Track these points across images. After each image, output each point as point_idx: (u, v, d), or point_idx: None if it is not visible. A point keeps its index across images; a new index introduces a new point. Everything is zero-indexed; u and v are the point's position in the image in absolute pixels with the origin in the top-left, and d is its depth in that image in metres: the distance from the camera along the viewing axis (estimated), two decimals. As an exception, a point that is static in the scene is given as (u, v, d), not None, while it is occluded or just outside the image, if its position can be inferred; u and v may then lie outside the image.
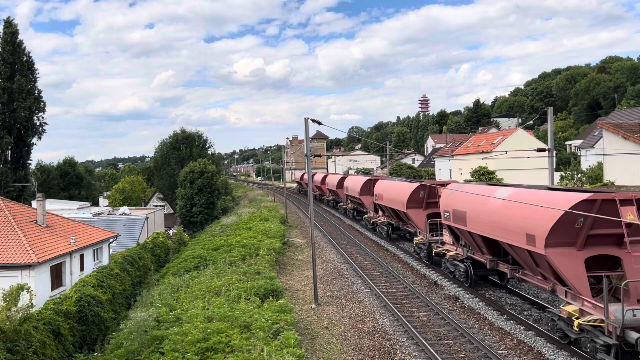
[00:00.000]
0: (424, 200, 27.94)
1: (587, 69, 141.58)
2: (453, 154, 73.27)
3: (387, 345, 15.95)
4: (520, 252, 16.35)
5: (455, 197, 21.14)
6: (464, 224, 19.94)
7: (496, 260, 19.12)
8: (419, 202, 28.12)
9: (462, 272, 21.52)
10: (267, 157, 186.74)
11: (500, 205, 17.08)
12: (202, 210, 57.12)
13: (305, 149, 23.00)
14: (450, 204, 21.50)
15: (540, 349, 14.65)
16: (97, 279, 26.55)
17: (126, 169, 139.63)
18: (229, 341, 14.68)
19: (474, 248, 20.50)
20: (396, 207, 30.60)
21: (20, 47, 51.99)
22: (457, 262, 22.08)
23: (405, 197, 28.50)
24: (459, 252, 22.11)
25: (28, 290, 17.97)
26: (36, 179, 62.01)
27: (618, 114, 72.34)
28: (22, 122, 51.27)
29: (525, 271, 17.44)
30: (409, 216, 28.63)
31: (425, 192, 27.79)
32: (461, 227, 20.29)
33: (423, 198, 27.92)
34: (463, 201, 20.25)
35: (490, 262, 19.18)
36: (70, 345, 19.88)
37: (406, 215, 29.38)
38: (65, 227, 31.89)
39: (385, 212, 34.95)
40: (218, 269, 25.44)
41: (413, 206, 28.27)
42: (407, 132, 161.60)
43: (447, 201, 21.92)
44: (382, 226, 36.12)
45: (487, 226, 17.94)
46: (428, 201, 27.80)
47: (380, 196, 34.24)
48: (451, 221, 21.31)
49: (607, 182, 40.69)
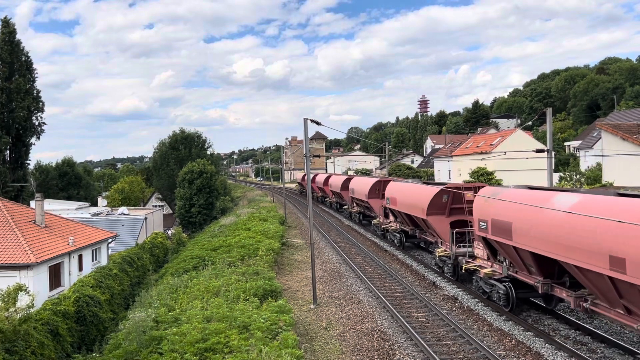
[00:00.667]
0: (447, 206, 24.29)
1: (586, 70, 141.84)
2: (452, 154, 73.33)
3: (386, 346, 15.94)
4: (595, 278, 13.07)
5: (495, 205, 17.73)
6: (507, 237, 16.62)
7: (550, 283, 15.88)
8: (441, 208, 24.40)
9: (501, 295, 17.94)
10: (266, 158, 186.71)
11: (564, 217, 13.98)
12: (201, 211, 57.07)
13: (304, 149, 23.00)
14: (487, 212, 18.18)
15: (539, 350, 14.65)
16: (95, 280, 26.53)
17: (125, 169, 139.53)
18: (228, 342, 14.68)
19: (519, 266, 17.16)
20: (413, 213, 26.88)
21: (19, 46, 51.93)
22: (494, 281, 18.53)
23: (426, 203, 24.63)
24: (497, 270, 18.65)
25: (26, 291, 17.94)
26: (35, 179, 61.93)
27: (617, 115, 72.45)
28: (20, 122, 51.21)
29: (597, 301, 13.81)
30: (430, 224, 24.83)
31: (449, 197, 24.07)
32: (504, 241, 16.94)
33: (446, 203, 24.27)
34: (507, 210, 16.92)
35: (543, 285, 15.89)
36: (68, 345, 19.86)
37: (425, 223, 25.66)
38: (63, 227, 31.85)
39: (398, 218, 31.40)
40: (217, 269, 25.43)
41: (434, 213, 24.44)
42: (406, 133, 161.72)
43: (484, 209, 18.48)
44: (394, 233, 32.44)
45: (544, 242, 14.73)
46: (452, 207, 24.18)
47: (393, 200, 30.64)
48: (489, 233, 17.92)
49: (605, 183, 40.72)
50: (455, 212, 24.24)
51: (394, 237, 32.52)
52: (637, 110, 67.00)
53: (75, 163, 75.83)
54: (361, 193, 41.45)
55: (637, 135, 38.66)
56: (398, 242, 31.83)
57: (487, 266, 19.37)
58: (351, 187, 46.19)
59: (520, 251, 16.26)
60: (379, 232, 37.21)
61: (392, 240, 33.27)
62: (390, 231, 33.32)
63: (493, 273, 18.78)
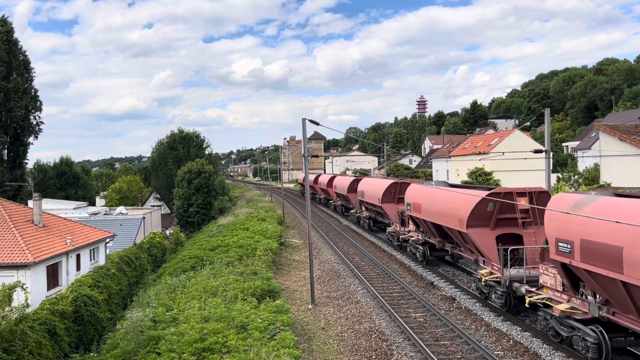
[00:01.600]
0: (492, 217, 19.43)
1: (584, 70, 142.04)
2: (450, 155, 73.37)
3: (384, 346, 15.94)
4: None
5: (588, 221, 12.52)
6: (613, 267, 11.92)
7: None
8: (485, 219, 19.52)
9: (589, 344, 13.32)
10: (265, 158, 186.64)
11: None
12: (199, 211, 57.04)
13: (302, 149, 23.00)
14: (573, 229, 13.35)
15: (536, 350, 14.67)
16: (93, 279, 26.50)
17: (123, 169, 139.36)
18: (226, 341, 14.68)
19: (622, 306, 12.53)
20: (446, 223, 22.13)
21: (16, 46, 51.88)
22: (576, 323, 13.91)
23: (465, 212, 19.76)
24: (578, 307, 14.03)
25: (23, 288, 17.89)
26: (33, 178, 61.83)
27: (615, 115, 72.56)
28: (18, 121, 51.16)
29: None
30: (471, 238, 19.95)
31: (495, 206, 19.20)
32: (605, 272, 12.22)
33: (492, 213, 19.43)
34: (611, 230, 11.88)
35: None
36: (66, 345, 19.82)
37: (463, 236, 20.95)
38: (61, 226, 31.81)
39: (421, 228, 26.94)
40: (215, 269, 25.41)
41: (477, 224, 19.64)
42: (405, 133, 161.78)
43: (566, 225, 13.63)
44: (415, 245, 27.56)
45: None
46: (499, 217, 19.43)
47: (417, 206, 25.80)
48: (576, 259, 13.21)
49: (603, 184, 40.77)
50: (503, 223, 19.58)
51: (416, 249, 27.61)
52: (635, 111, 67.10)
53: (73, 162, 75.66)
54: (373, 196, 36.50)
55: (635, 136, 38.71)
56: (421, 256, 26.87)
57: (562, 300, 14.64)
58: (360, 190, 41.34)
59: (635, 289, 11.55)
60: (394, 242, 32.31)
61: (412, 252, 28.36)
62: (410, 242, 28.34)
63: (573, 311, 14.03)
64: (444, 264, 27.14)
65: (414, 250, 28.13)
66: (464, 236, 20.77)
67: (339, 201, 55.85)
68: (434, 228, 24.51)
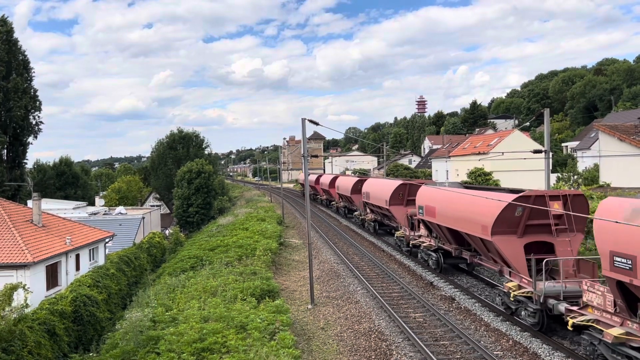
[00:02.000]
0: (521, 223, 17.35)
1: (583, 70, 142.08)
2: (450, 155, 73.39)
3: (383, 346, 15.95)
4: None
5: None
6: None
7: None
8: (512, 225, 17.40)
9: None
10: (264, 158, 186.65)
11: None
12: (199, 211, 57.03)
13: (302, 149, 22.99)
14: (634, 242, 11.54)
15: (535, 350, 14.67)
16: (92, 279, 26.48)
17: (122, 169, 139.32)
18: (225, 342, 14.67)
19: None
20: (466, 229, 19.95)
21: (16, 45, 51.86)
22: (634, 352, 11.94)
23: (490, 217, 17.58)
24: (635, 332, 12.08)
25: (24, 288, 17.89)
26: (32, 178, 61.81)
27: (614, 115, 72.60)
28: (17, 121, 51.15)
29: None
30: (496, 247, 17.84)
31: (524, 211, 17.22)
32: None
33: (520, 219, 17.34)
34: None
35: None
36: (65, 345, 19.81)
37: (485, 244, 18.99)
38: (61, 226, 31.79)
39: (434, 233, 25.05)
40: (214, 269, 25.41)
41: (503, 231, 17.52)
42: (404, 133, 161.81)
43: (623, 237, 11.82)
44: (427, 252, 25.60)
45: None
46: (529, 223, 17.34)
47: (430, 210, 23.53)
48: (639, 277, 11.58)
49: (603, 184, 40.79)
50: (532, 230, 17.46)
51: (428, 256, 25.66)
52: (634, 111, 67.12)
53: (72, 162, 75.64)
54: (379, 198, 34.39)
55: (635, 136, 38.73)
56: (434, 264, 24.89)
57: (614, 324, 12.58)
58: (365, 191, 38.91)
59: None
60: (403, 247, 30.17)
61: (423, 259, 26.48)
62: (422, 248, 26.33)
63: (629, 337, 12.05)
64: (459, 272, 25.02)
65: (425, 257, 26.14)
66: (487, 244, 18.79)
67: (341, 202, 53.97)
68: (450, 234, 22.52)
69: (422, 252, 26.62)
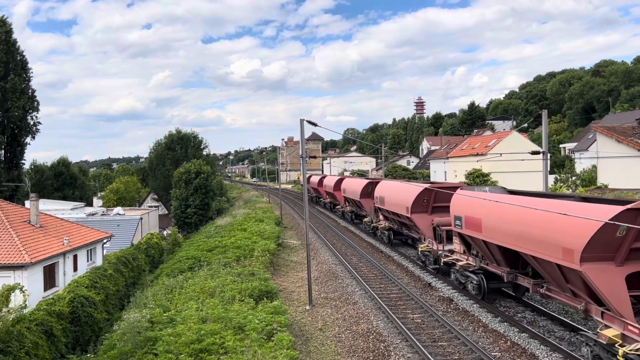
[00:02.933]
0: (623, 246, 12.66)
1: (581, 72, 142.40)
2: (448, 156, 73.48)
3: (382, 347, 15.95)
4: None
5: None
6: None
7: None
8: (610, 249, 12.65)
9: None
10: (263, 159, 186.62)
11: None
12: (197, 211, 56.98)
13: (300, 150, 22.98)
14: None
15: (533, 351, 14.69)
16: (90, 280, 26.43)
17: (121, 170, 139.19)
18: (223, 342, 14.66)
19: None
20: (533, 251, 14.93)
21: (14, 46, 51.78)
22: None
23: (577, 239, 12.86)
24: None
25: (21, 290, 17.84)
26: (30, 179, 61.72)
27: (612, 117, 72.79)
28: (15, 121, 51.07)
29: None
30: (586, 277, 12.86)
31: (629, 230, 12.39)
32: None
33: (622, 240, 12.50)
34: None
35: None
36: (63, 346, 19.76)
37: (562, 271, 14.10)
38: (58, 227, 31.74)
39: (474, 249, 20.19)
40: (212, 270, 25.38)
41: (597, 257, 12.66)
42: (403, 134, 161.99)
43: None
44: (465, 272, 20.64)
45: None
46: (635, 247, 12.75)
47: (472, 223, 18.89)
48: None
49: (600, 185, 40.86)
50: (637, 256, 12.76)
51: (466, 279, 20.69)
52: (632, 113, 67.28)
53: (70, 163, 75.55)
54: (397, 204, 29.59)
55: (632, 137, 38.80)
56: (474, 289, 19.90)
57: None
58: (378, 195, 34.01)
59: None
60: (429, 265, 25.60)
61: (458, 280, 21.49)
62: (458, 269, 21.33)
63: None
64: (502, 296, 20.58)
65: (462, 280, 21.12)
66: (566, 272, 13.90)
67: (347, 207, 48.98)
68: (502, 253, 17.65)
69: (457, 272, 21.73)
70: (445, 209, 22.82)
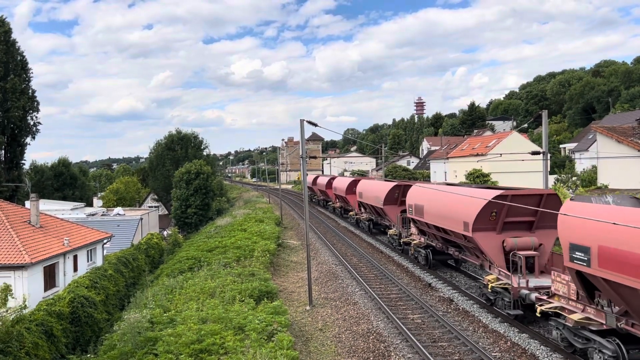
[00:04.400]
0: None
1: (581, 72, 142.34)
2: (448, 156, 73.44)
3: (382, 347, 15.94)
4: None
5: None
6: None
7: None
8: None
9: None
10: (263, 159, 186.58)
11: None
12: (197, 212, 56.95)
13: (300, 150, 22.97)
14: None
15: (534, 352, 14.68)
16: (90, 280, 26.42)
17: (121, 170, 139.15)
18: (223, 343, 14.66)
19: None
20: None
21: (14, 46, 51.79)
22: None
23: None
24: None
25: (11, 295, 17.80)
26: (30, 179, 61.72)
27: (612, 117, 72.77)
28: (15, 122, 51.08)
29: None
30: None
31: None
32: None
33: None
34: None
35: None
36: (63, 346, 19.76)
37: None
38: (58, 227, 31.73)
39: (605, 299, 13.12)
40: (212, 270, 25.37)
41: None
42: (403, 135, 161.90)
43: None
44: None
45: None
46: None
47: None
48: None
49: (600, 186, 40.85)
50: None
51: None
52: (632, 113, 67.28)
53: (70, 163, 75.60)
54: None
55: (632, 137, 38.79)
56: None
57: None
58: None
59: None
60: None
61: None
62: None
63: None
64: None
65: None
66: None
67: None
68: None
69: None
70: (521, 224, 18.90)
